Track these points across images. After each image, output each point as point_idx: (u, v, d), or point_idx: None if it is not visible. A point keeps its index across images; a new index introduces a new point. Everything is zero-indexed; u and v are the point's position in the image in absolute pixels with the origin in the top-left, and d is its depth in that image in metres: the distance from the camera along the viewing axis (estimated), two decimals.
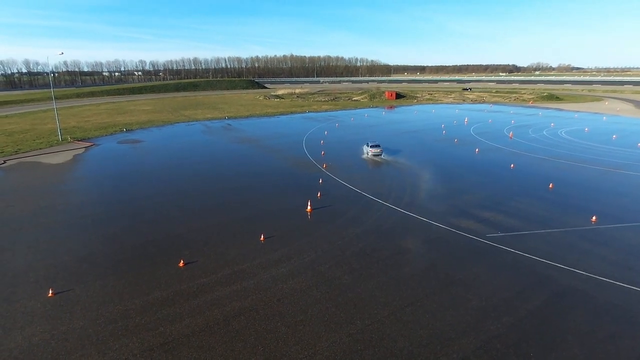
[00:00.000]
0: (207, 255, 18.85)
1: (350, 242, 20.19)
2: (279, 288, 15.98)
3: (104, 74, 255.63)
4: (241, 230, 21.82)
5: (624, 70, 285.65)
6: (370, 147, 40.37)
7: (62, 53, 52.44)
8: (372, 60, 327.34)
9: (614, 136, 51.79)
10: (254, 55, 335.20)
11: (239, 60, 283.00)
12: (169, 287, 16.01)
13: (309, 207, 24.76)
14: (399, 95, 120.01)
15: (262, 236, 20.61)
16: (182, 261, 17.95)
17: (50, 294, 15.41)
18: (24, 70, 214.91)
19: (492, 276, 16.80)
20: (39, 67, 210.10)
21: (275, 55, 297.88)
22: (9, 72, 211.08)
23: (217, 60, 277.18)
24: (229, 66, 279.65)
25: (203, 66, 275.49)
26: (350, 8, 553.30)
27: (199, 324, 13.73)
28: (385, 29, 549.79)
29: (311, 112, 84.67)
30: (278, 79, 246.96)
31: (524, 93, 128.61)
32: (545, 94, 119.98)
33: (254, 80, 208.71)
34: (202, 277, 16.84)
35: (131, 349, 12.43)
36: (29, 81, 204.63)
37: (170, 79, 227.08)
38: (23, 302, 15.02)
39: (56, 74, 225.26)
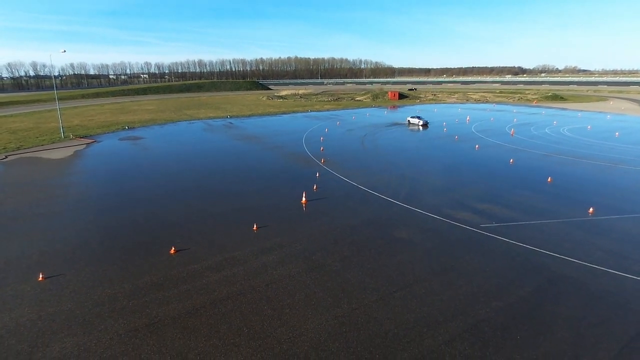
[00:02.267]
0: (199, 243, 18.86)
1: (343, 232, 20.10)
2: (268, 274, 15.93)
3: (110, 76, 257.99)
4: (234, 220, 21.81)
5: (631, 72, 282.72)
6: (412, 117, 62.26)
7: (65, 51, 53.21)
8: (376, 62, 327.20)
9: (617, 133, 51.24)
10: (258, 57, 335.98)
11: (243, 62, 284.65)
12: (159, 273, 16.02)
13: (304, 199, 24.71)
14: (402, 96, 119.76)
15: (254, 226, 20.60)
16: (173, 248, 17.98)
17: (40, 278, 15.49)
18: (32, 73, 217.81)
19: (484, 264, 16.62)
20: (45, 70, 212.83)
21: (280, 58, 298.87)
22: (17, 74, 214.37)
23: (222, 63, 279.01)
24: (233, 68, 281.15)
25: (208, 68, 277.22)
26: (354, 11, 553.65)
27: (186, 307, 13.71)
28: (389, 32, 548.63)
29: (313, 111, 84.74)
30: (282, 81, 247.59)
31: (528, 93, 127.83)
32: (549, 94, 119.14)
33: (257, 82, 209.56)
34: (192, 263, 16.85)
35: (116, 329, 12.44)
36: (36, 83, 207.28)
37: (176, 81, 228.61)
38: (13, 286, 15.10)
39: (63, 77, 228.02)
